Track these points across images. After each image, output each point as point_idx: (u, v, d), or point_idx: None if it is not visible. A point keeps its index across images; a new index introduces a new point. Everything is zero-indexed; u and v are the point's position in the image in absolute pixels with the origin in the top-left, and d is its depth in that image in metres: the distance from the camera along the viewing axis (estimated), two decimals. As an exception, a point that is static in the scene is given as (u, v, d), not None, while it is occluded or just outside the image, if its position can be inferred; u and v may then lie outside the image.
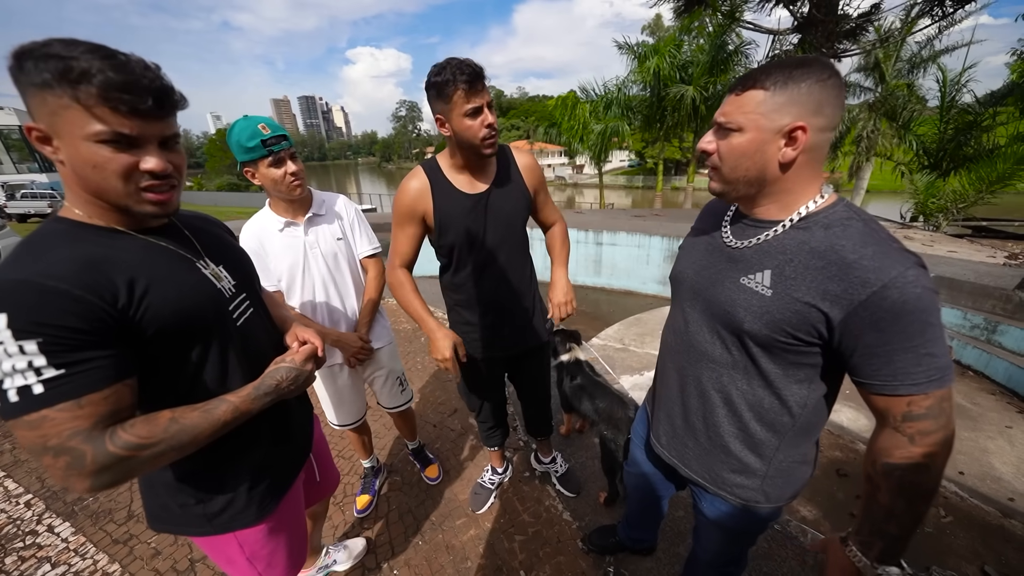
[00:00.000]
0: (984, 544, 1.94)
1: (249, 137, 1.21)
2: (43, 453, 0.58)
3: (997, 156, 7.29)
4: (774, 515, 0.95)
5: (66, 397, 0.58)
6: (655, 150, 23.66)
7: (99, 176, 0.62)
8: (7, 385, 0.56)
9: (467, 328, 1.49)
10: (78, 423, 0.58)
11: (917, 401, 0.67)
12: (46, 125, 0.59)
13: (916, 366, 0.65)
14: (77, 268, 0.61)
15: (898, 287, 0.63)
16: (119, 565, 1.69)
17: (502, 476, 2.05)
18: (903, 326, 0.64)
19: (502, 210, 1.33)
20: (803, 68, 0.67)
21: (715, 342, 0.85)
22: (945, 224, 7.73)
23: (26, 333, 0.55)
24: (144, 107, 0.61)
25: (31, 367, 0.56)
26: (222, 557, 0.94)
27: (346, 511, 1.92)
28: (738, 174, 0.75)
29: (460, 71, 1.08)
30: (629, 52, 12.93)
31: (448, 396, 2.87)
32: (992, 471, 2.49)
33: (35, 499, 2.03)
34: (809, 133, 0.68)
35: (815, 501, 2.19)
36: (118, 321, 0.62)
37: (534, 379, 1.71)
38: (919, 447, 0.68)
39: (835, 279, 0.67)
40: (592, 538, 1.70)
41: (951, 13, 6.35)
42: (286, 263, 1.42)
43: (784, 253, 0.74)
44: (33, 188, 16.05)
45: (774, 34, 7.19)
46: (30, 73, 0.57)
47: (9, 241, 5.05)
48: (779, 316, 0.73)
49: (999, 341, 3.72)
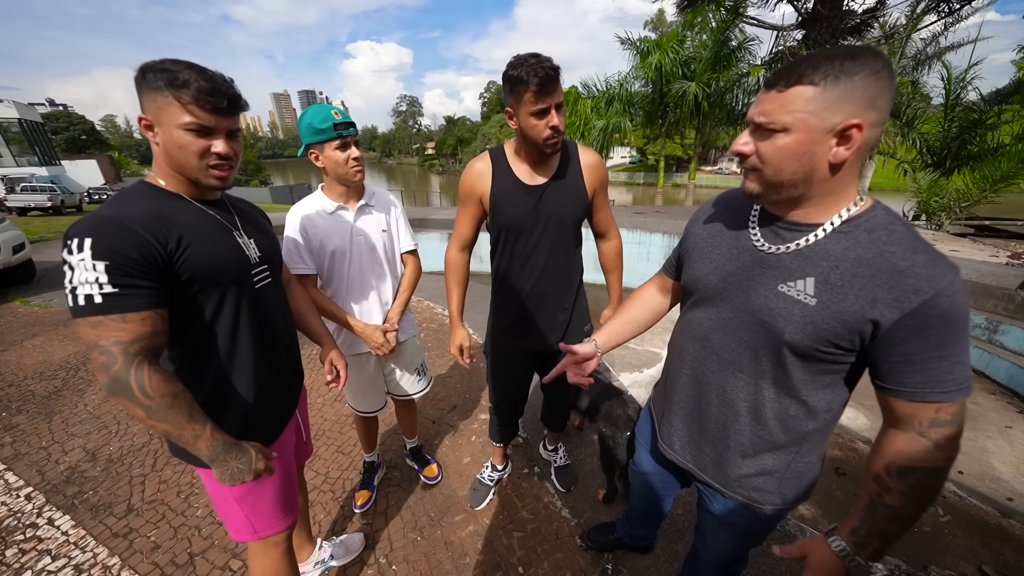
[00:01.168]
0: (982, 544, 1.94)
1: (322, 120, 1.29)
2: (93, 348, 0.77)
3: (1002, 155, 7.24)
4: (783, 514, 0.95)
5: (116, 311, 0.76)
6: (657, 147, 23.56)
7: (183, 154, 0.85)
8: (79, 292, 0.75)
9: (503, 315, 1.54)
10: (121, 334, 0.77)
11: (945, 408, 0.67)
12: (152, 117, 0.83)
13: (949, 374, 0.65)
14: (147, 216, 0.82)
15: (949, 295, 0.62)
16: (119, 558, 1.69)
17: (501, 473, 2.05)
18: (945, 335, 0.64)
19: (555, 206, 1.34)
20: (855, 60, 0.61)
21: (744, 352, 0.81)
22: (948, 223, 7.69)
23: (100, 256, 0.75)
24: (221, 107, 0.84)
25: (97, 282, 0.75)
26: (217, 494, 1.04)
27: (345, 506, 1.93)
28: (783, 177, 0.69)
29: (534, 72, 1.10)
30: (631, 47, 12.83)
31: (448, 392, 2.87)
32: (991, 471, 2.49)
33: (36, 492, 2.04)
34: (864, 130, 0.62)
35: (813, 499, 2.19)
36: (164, 261, 0.82)
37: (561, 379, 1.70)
38: (942, 451, 0.68)
39: (885, 287, 0.65)
40: (591, 535, 1.70)
41: (957, 9, 6.30)
42: (331, 247, 1.46)
43: (828, 259, 0.70)
44: (33, 181, 16.03)
45: (778, 30, 7.13)
46: (149, 81, 0.81)
47: (10, 235, 5.04)
48: (824, 326, 0.70)
49: (1000, 341, 3.71)
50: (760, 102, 0.69)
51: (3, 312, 4.50)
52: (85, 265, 0.75)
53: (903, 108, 10.29)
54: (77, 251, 0.75)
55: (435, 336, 3.74)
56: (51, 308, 4.60)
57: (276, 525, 1.11)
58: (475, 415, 2.62)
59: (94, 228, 0.76)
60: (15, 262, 5.08)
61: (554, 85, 1.13)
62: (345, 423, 2.54)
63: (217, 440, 0.87)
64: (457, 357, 1.55)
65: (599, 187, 1.39)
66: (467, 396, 2.82)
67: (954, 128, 8.87)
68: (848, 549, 0.75)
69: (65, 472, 2.17)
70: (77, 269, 0.75)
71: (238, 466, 0.90)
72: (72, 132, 50.20)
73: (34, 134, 22.23)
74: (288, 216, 1.45)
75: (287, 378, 1.15)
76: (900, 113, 10.32)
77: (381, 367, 1.74)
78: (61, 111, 55.35)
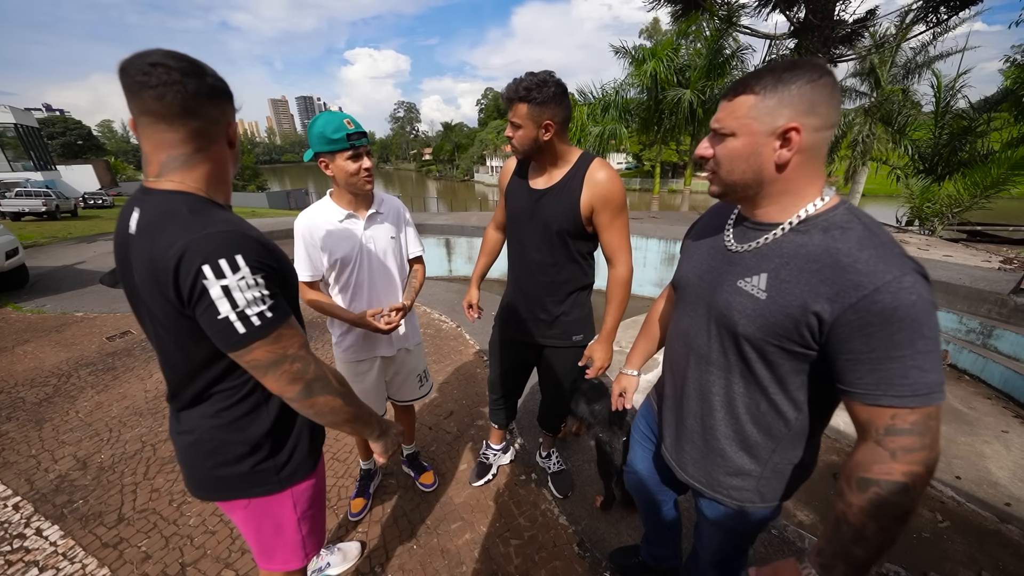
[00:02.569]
0: (981, 549, 1.94)
1: (335, 130, 1.29)
2: (282, 361, 0.74)
3: (992, 161, 7.36)
4: (772, 515, 0.95)
5: (285, 318, 0.75)
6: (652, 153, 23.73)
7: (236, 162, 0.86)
8: (250, 312, 0.70)
9: (503, 298, 1.74)
10: (299, 338, 0.77)
11: (902, 415, 0.65)
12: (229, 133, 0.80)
13: (903, 378, 0.63)
14: (247, 225, 0.76)
15: (891, 292, 0.62)
16: (108, 569, 1.66)
17: (497, 452, 2.12)
18: (891, 333, 0.62)
19: (545, 212, 1.42)
20: (792, 70, 0.68)
21: (714, 345, 0.86)
22: (940, 228, 7.78)
23: (256, 269, 0.71)
24: None
25: (263, 297, 0.71)
26: (270, 524, 0.96)
27: (340, 514, 1.90)
28: (735, 177, 0.76)
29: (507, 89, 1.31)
30: (626, 56, 12.98)
31: (445, 398, 2.85)
32: (988, 476, 2.49)
33: (23, 502, 2.00)
34: (803, 133, 0.68)
35: (812, 506, 2.18)
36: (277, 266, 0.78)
37: (551, 377, 1.76)
38: (900, 464, 0.65)
39: (828, 282, 0.67)
40: (613, 558, 1.64)
41: (945, 20, 6.42)
42: (340, 253, 1.46)
43: (781, 256, 0.74)
44: (27, 186, 15.93)
45: (771, 39, 7.24)
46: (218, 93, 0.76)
47: (3, 240, 4.99)
48: (772, 320, 0.73)
49: (995, 345, 3.74)
50: (717, 111, 0.76)
51: (-6, 318, 4.45)
52: (247, 283, 0.69)
53: (895, 115, 10.45)
54: (231, 272, 0.68)
55: (433, 342, 3.72)
56: (44, 314, 4.55)
57: (320, 543, 1.07)
58: (472, 421, 2.60)
59: (237, 244, 0.70)
60: (8, 267, 5.03)
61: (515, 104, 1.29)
62: (341, 430, 2.51)
63: (376, 415, 0.94)
64: (465, 310, 1.81)
65: (599, 205, 1.36)
66: (464, 402, 2.80)
67: (945, 135, 9.01)
68: (814, 573, 0.72)
69: (55, 481, 2.13)
70: (239, 291, 0.68)
71: (395, 432, 0.98)
72: (68, 137, 50.06)
73: (30, 139, 22.14)
74: (296, 223, 1.46)
75: None
76: (892, 120, 10.47)
77: (383, 373, 1.73)
78: (58, 116, 55.26)
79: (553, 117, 1.30)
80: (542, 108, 1.28)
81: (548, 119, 1.29)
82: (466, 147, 60.80)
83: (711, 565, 1.16)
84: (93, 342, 3.78)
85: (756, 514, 0.93)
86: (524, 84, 1.26)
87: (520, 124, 1.30)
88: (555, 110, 1.29)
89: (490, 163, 52.89)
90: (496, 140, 51.84)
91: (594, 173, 1.36)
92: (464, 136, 65.11)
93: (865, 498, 0.67)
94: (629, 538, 1.79)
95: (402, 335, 1.67)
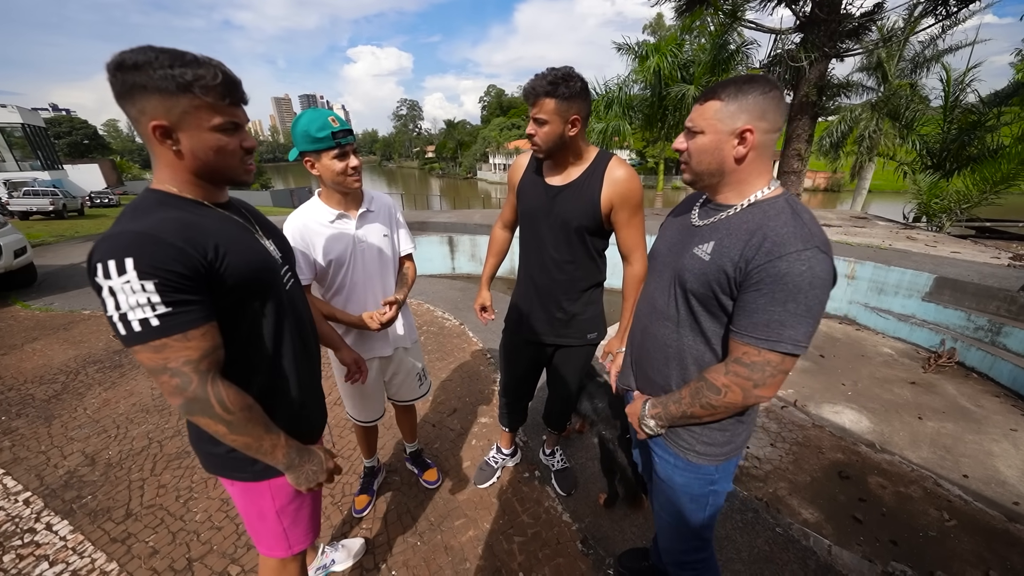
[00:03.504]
0: (989, 549, 1.92)
1: (319, 128, 1.24)
2: (162, 372, 0.72)
3: (1002, 156, 7.24)
4: (724, 475, 1.06)
5: (177, 330, 0.72)
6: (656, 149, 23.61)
7: (220, 157, 0.80)
8: (131, 317, 0.69)
9: (513, 299, 1.70)
10: (188, 352, 0.73)
11: (749, 352, 0.84)
12: (171, 122, 0.74)
13: (765, 326, 0.81)
14: (180, 227, 0.74)
15: (788, 260, 0.77)
16: (116, 564, 1.68)
17: (506, 457, 2.10)
18: (774, 291, 0.79)
19: (563, 209, 1.41)
20: (750, 83, 0.84)
21: (671, 303, 1.02)
22: (948, 225, 7.69)
23: (147, 274, 0.68)
24: (244, 99, 0.81)
25: (149, 303, 0.69)
26: (253, 509, 0.99)
27: (344, 511, 1.91)
28: (702, 167, 0.93)
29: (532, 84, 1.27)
30: (629, 52, 12.88)
31: (448, 396, 2.86)
32: (997, 474, 2.47)
33: (34, 497, 2.03)
34: (756, 134, 0.84)
35: (816, 504, 2.17)
36: (208, 272, 0.76)
37: (562, 377, 1.74)
38: (726, 378, 0.88)
39: (751, 247, 0.83)
40: (623, 560, 1.64)
41: (954, 12, 6.30)
42: (333, 254, 1.44)
43: (727, 229, 0.90)
44: (35, 185, 16.08)
45: (776, 33, 7.15)
46: (160, 81, 0.70)
47: (12, 239, 5.05)
48: (709, 276, 0.90)
49: (1003, 343, 3.70)
50: (691, 112, 0.93)
51: (4, 316, 4.50)
52: (132, 287, 0.68)
53: (902, 110, 10.31)
54: (117, 274, 0.68)
55: (435, 339, 3.73)
56: (52, 312, 4.60)
57: (308, 539, 1.08)
58: (475, 419, 2.61)
59: (131, 246, 0.69)
60: (16, 266, 5.08)
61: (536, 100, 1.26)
62: (345, 427, 2.53)
63: (291, 446, 0.87)
64: (478, 313, 1.79)
65: (619, 203, 1.36)
66: (467, 400, 2.81)
67: (953, 130, 8.89)
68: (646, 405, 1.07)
69: (64, 476, 2.16)
70: (122, 293, 0.68)
71: (312, 469, 0.91)
72: (75, 136, 50.50)
73: (37, 139, 22.33)
74: (285, 226, 1.40)
75: (319, 380, 1.11)
76: (899, 115, 10.34)
77: (382, 373, 1.73)
78: (64, 116, 55.73)
79: (579, 112, 1.28)
80: (569, 103, 1.25)
81: (575, 114, 1.28)
82: (469, 145, 60.69)
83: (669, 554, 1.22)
84: (100, 339, 3.82)
85: (706, 468, 1.04)
86: (550, 79, 1.23)
87: (546, 120, 1.27)
88: (580, 105, 1.28)
89: (493, 160, 52.79)
90: (499, 138, 51.70)
91: (613, 171, 1.35)
92: (467, 134, 65.00)
93: (694, 384, 0.95)
94: (633, 536, 1.79)
95: (399, 334, 1.67)
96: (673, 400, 0.99)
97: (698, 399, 0.93)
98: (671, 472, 1.09)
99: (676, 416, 0.98)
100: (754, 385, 0.84)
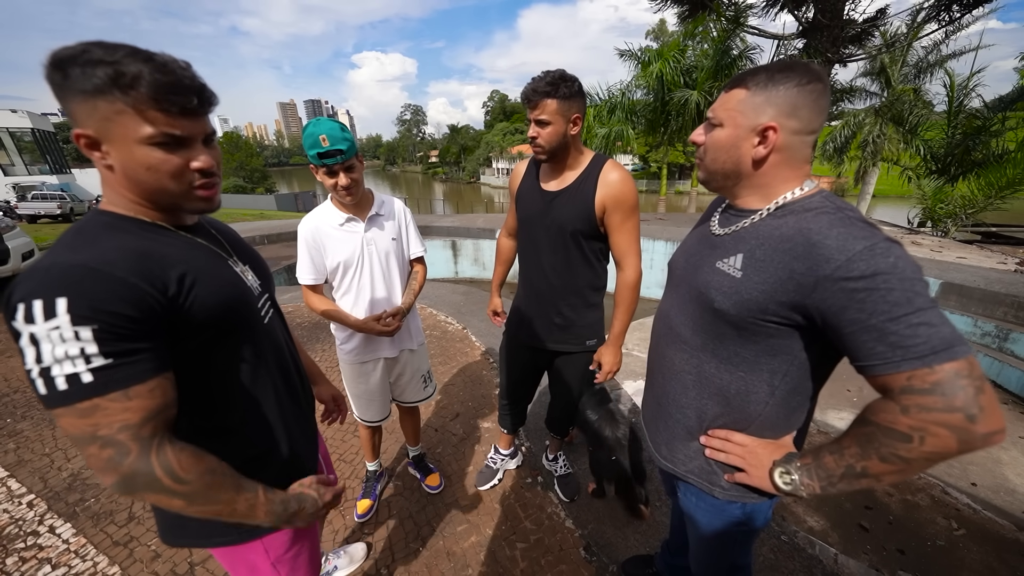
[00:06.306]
0: (999, 559, 1.89)
1: (310, 146, 1.29)
2: (90, 442, 0.57)
3: (1007, 161, 7.21)
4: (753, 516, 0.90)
5: (115, 387, 0.57)
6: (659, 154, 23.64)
7: (153, 178, 0.63)
8: (55, 372, 0.54)
9: (514, 303, 1.73)
10: (128, 416, 0.58)
11: (920, 375, 0.58)
12: (95, 131, 0.60)
13: (914, 337, 0.58)
14: (131, 257, 0.61)
15: (864, 259, 0.61)
16: (119, 567, 1.68)
17: (505, 457, 2.10)
18: (883, 294, 0.60)
19: (559, 214, 1.41)
20: (785, 71, 0.70)
21: (687, 323, 0.88)
22: (954, 230, 7.65)
23: (83, 319, 0.54)
24: (191, 106, 0.62)
25: (82, 354, 0.55)
26: (243, 566, 0.88)
27: (346, 515, 1.91)
28: (716, 166, 0.80)
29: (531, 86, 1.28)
30: (632, 58, 12.95)
31: (450, 400, 2.85)
32: (1006, 483, 2.43)
33: (37, 499, 2.04)
34: (780, 134, 0.70)
35: (822, 511, 2.15)
36: (166, 311, 0.62)
37: (563, 383, 1.74)
38: (909, 419, 0.60)
39: (800, 258, 0.67)
40: (626, 567, 1.62)
41: (958, 18, 6.32)
42: (342, 256, 1.48)
43: (757, 238, 0.76)
44: (44, 189, 16.28)
45: (779, 39, 7.18)
46: (77, 80, 0.56)
47: (20, 242, 5.11)
48: (747, 296, 0.74)
49: (1011, 349, 3.66)
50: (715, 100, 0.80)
51: (11, 318, 4.54)
52: (61, 335, 0.53)
53: (906, 115, 10.29)
54: (44, 317, 0.53)
55: (439, 343, 3.73)
56: (58, 314, 4.63)
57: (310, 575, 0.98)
58: (478, 423, 2.60)
59: (65, 283, 0.54)
60: (24, 269, 5.14)
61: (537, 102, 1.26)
62: (347, 431, 2.52)
63: (274, 500, 0.73)
64: (492, 319, 1.90)
65: (611, 205, 1.35)
66: (470, 404, 2.80)
67: (958, 135, 8.86)
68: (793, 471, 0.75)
69: (67, 479, 2.16)
70: (47, 342, 0.53)
71: (307, 512, 0.78)
72: (83, 141, 50.99)
73: (46, 143, 22.62)
74: (300, 227, 1.49)
75: (308, 417, 0.99)
76: (903, 120, 10.32)
77: (388, 374, 1.74)
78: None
79: (579, 111, 1.30)
80: (570, 102, 1.28)
81: (576, 112, 1.30)
82: (472, 149, 60.98)
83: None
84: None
85: (724, 502, 0.88)
86: (549, 80, 1.25)
87: (549, 120, 1.28)
88: (580, 104, 1.30)
89: (496, 165, 53.01)
90: (502, 142, 51.95)
91: (607, 174, 1.36)
92: (470, 138, 65.34)
93: (856, 430, 0.67)
94: (636, 543, 1.77)
95: (406, 336, 1.68)
96: (829, 450, 0.70)
97: (875, 449, 0.64)
98: (693, 511, 0.96)
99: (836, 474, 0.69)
100: (962, 411, 0.57)
